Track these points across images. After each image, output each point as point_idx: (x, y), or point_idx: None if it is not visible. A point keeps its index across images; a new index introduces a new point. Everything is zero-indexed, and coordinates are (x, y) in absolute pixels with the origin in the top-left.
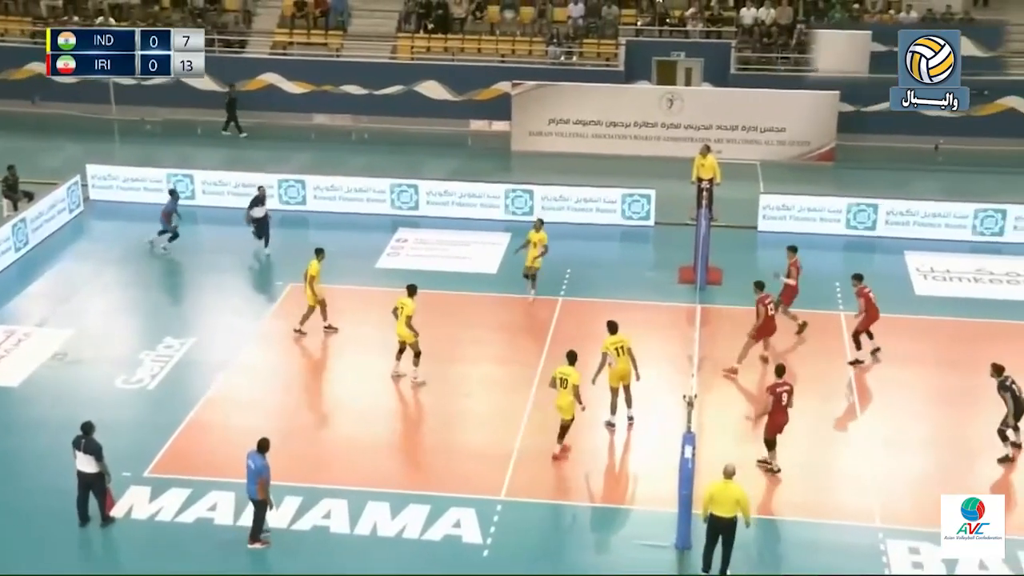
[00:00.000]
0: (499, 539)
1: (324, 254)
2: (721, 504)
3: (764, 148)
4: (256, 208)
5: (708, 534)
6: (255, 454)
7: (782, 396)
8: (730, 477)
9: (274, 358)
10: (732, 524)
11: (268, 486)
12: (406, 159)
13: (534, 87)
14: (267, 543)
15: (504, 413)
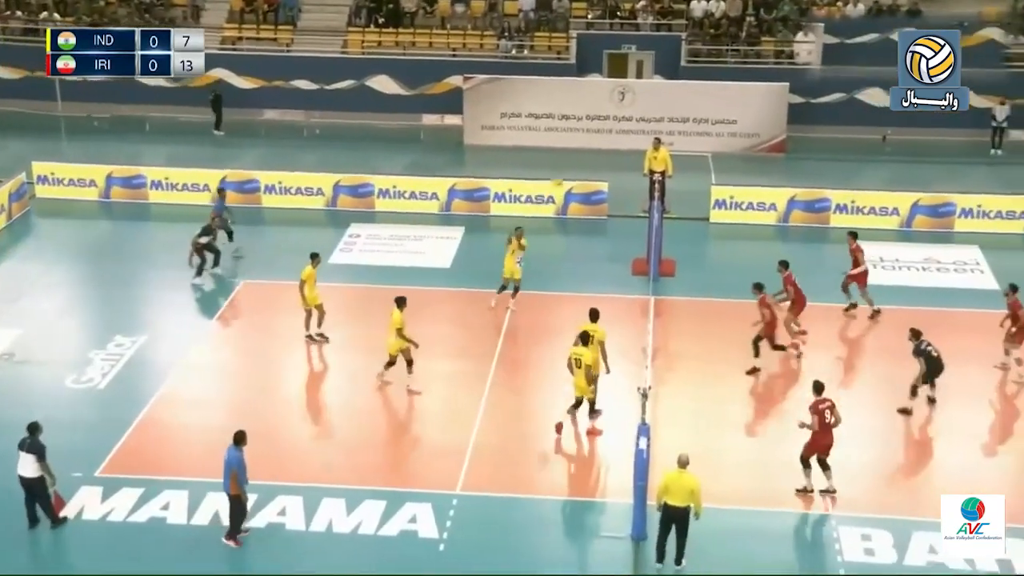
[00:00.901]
0: (455, 533)
1: (319, 259)
2: (675, 494)
3: (715, 140)
4: (204, 236)
5: (661, 524)
6: (230, 447)
7: (825, 413)
8: (684, 467)
9: (226, 355)
10: (685, 514)
11: (241, 480)
12: (358, 154)
13: (486, 81)
14: (239, 543)
15: (459, 408)
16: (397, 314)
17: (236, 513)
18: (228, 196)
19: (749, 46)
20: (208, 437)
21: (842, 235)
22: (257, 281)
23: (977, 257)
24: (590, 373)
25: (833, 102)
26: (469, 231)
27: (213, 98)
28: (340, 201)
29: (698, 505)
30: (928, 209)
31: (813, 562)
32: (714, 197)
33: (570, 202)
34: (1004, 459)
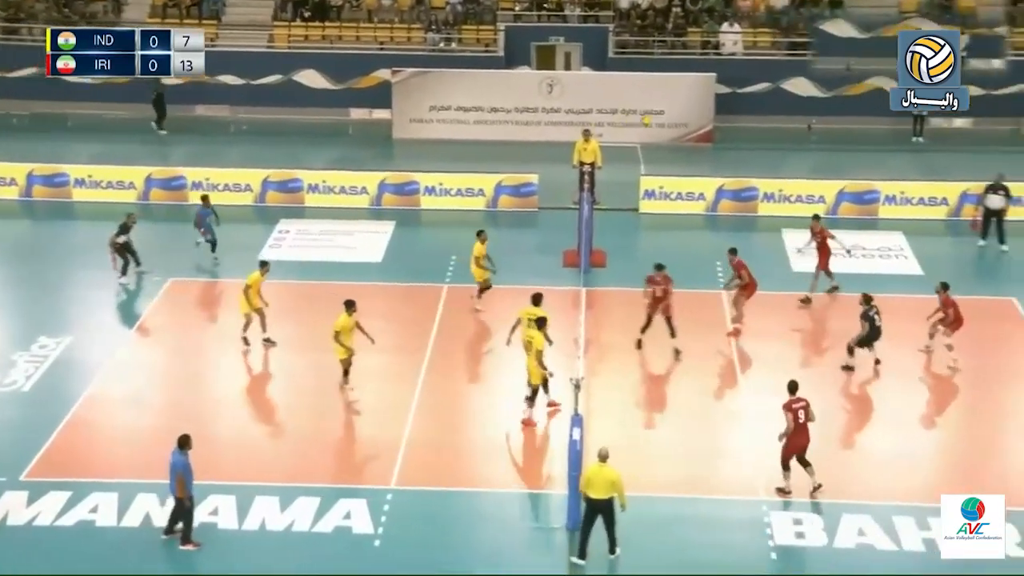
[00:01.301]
0: (390, 529)
1: (268, 267)
2: (596, 487)
3: (644, 131)
4: (121, 235)
5: (585, 517)
6: (175, 451)
7: (799, 413)
8: (604, 460)
9: (155, 355)
10: (609, 505)
11: (186, 483)
12: (287, 149)
13: (414, 74)
14: (198, 545)
15: (392, 403)
16: (341, 318)
17: (185, 517)
18: (154, 193)
19: (676, 37)
20: (137, 438)
21: (770, 223)
22: (185, 279)
23: (901, 243)
24: (541, 357)
25: (759, 92)
26: (400, 225)
27: (155, 96)
28: (269, 197)
29: (622, 496)
30: (853, 196)
31: (745, 547)
32: (643, 188)
33: (500, 194)
34: (931, 441)
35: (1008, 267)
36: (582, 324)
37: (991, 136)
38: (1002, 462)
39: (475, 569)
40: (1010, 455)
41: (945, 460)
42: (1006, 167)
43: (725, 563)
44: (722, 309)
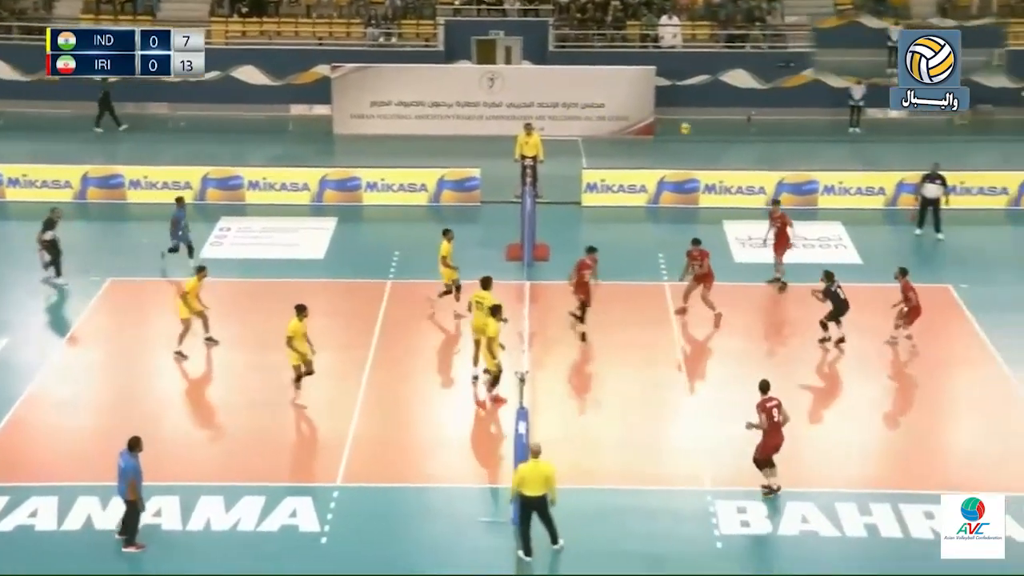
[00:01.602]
0: (337, 526)
1: (206, 272)
2: (532, 484)
3: (585, 124)
4: (47, 231)
5: (522, 515)
6: (125, 453)
7: (773, 412)
8: (537, 456)
9: (95, 356)
10: (543, 501)
11: (139, 486)
12: (226, 147)
13: (354, 69)
14: (142, 546)
15: (337, 399)
16: (292, 323)
17: (133, 519)
18: (91, 192)
19: (615, 30)
20: (77, 440)
21: (711, 215)
22: (124, 279)
23: (840, 232)
24: (494, 345)
25: (698, 84)
26: (342, 221)
27: (102, 95)
28: (209, 195)
29: (553, 491)
30: (792, 187)
31: (691, 536)
32: (585, 181)
33: (442, 189)
34: (871, 428)
35: (944, 255)
36: (526, 318)
37: (926, 126)
38: (939, 449)
39: (423, 565)
40: (946, 441)
41: (884, 448)
42: (941, 157)
43: (671, 553)
44: (666, 301)
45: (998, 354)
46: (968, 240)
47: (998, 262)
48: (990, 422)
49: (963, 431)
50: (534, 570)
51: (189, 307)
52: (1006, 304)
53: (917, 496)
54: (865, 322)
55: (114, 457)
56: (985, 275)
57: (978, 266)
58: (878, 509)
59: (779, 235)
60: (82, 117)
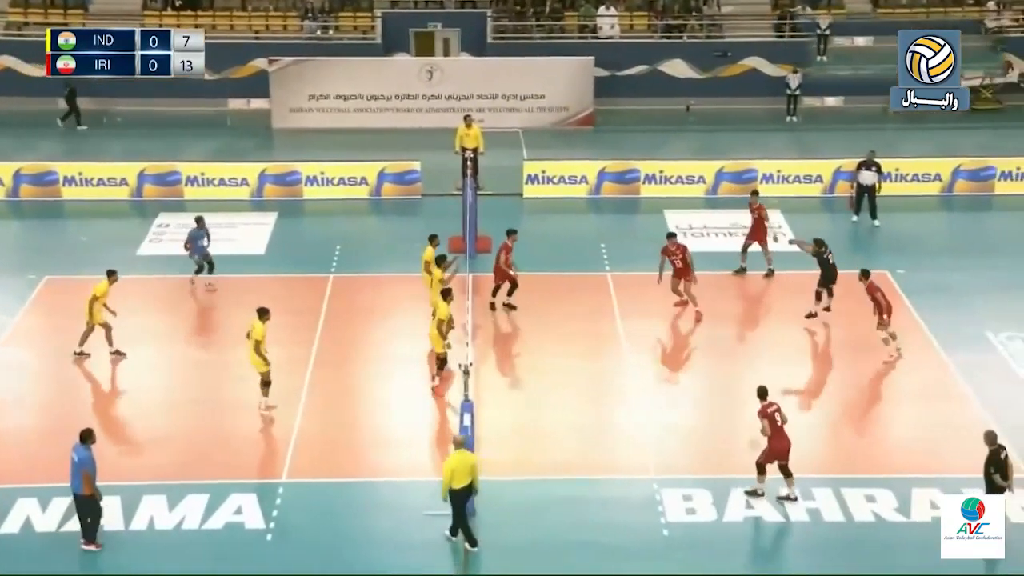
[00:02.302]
0: (282, 522)
1: (116, 276)
2: (462, 475)
3: (525, 115)
4: None
5: (455, 508)
6: (79, 446)
7: (775, 416)
8: (460, 447)
9: (33, 354)
10: (468, 492)
11: (94, 479)
12: (163, 142)
13: (292, 63)
14: (100, 546)
15: (281, 395)
16: (259, 326)
17: (92, 514)
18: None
19: (553, 21)
20: (15, 441)
21: (652, 204)
22: (61, 277)
23: (779, 220)
24: (443, 327)
25: (637, 75)
26: (282, 216)
27: (68, 92)
28: (146, 191)
29: (476, 481)
30: (732, 176)
31: (637, 525)
32: (526, 172)
33: (383, 182)
34: (810, 414)
35: (881, 241)
36: (469, 310)
37: (861, 114)
38: (877, 433)
39: (370, 559)
40: (884, 426)
41: (824, 433)
42: (876, 144)
43: (618, 542)
44: (608, 290)
45: (934, 339)
46: (904, 226)
47: (933, 248)
48: (926, 406)
49: (900, 415)
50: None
51: (93, 316)
52: (942, 289)
53: (858, 480)
54: (795, 307)
55: (54, 458)
56: (921, 261)
57: (914, 252)
58: (820, 494)
59: (756, 226)
60: (12, 112)
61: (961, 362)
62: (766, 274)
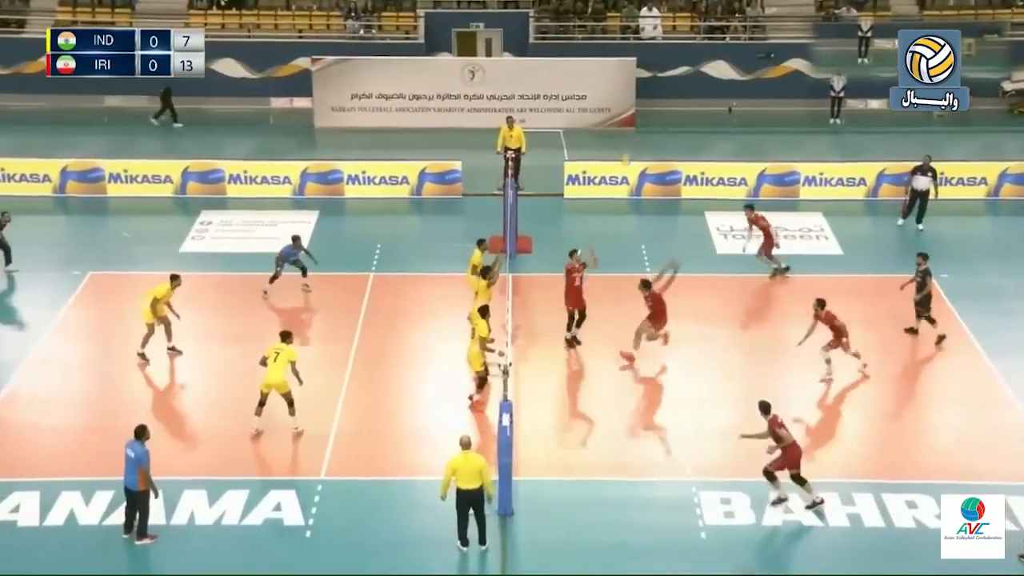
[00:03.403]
0: (321, 519)
1: (179, 282)
2: (465, 476)
3: (566, 116)
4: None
5: (459, 508)
6: (133, 442)
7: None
8: (467, 448)
9: (76, 350)
10: (479, 495)
11: (149, 475)
12: (207, 139)
13: (334, 62)
14: (155, 537)
15: (320, 393)
16: (288, 349)
17: (144, 509)
18: (71, 186)
19: (595, 22)
20: (59, 435)
21: (693, 206)
22: (105, 272)
23: (821, 223)
24: (483, 345)
25: (679, 76)
26: (324, 214)
27: (163, 90)
28: (189, 188)
29: (488, 484)
30: (774, 178)
31: (675, 527)
32: (567, 173)
33: (424, 182)
34: (854, 418)
35: (925, 245)
36: (509, 310)
37: (906, 117)
38: (921, 439)
39: (407, 558)
40: (928, 432)
41: (866, 438)
42: (921, 148)
43: (655, 544)
44: None
45: (978, 343)
46: (949, 230)
47: (978, 252)
48: (969, 411)
49: (945, 421)
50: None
51: (155, 312)
52: (986, 294)
53: (900, 486)
54: (845, 312)
55: (97, 451)
56: (966, 265)
57: (958, 256)
58: (861, 499)
59: (766, 237)
60: (60, 111)
61: (1005, 368)
62: (774, 274)
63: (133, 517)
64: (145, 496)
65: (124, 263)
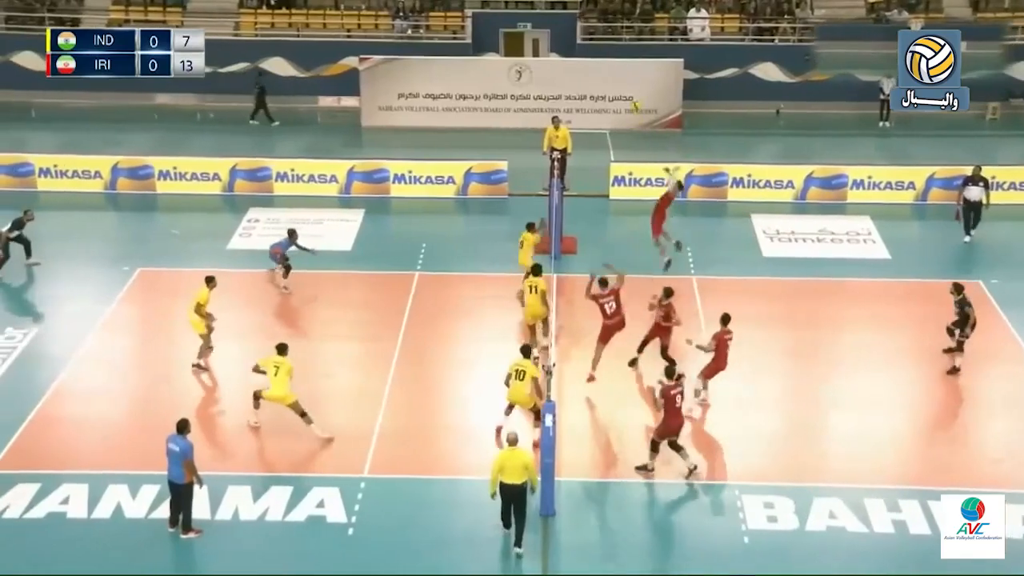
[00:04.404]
0: (363, 517)
1: (214, 283)
2: (511, 472)
3: (613, 117)
4: (14, 230)
5: (503, 502)
6: (177, 437)
7: (675, 398)
8: (514, 444)
9: (124, 345)
10: (523, 490)
11: (195, 466)
12: (254, 138)
13: (382, 61)
14: (200, 531)
15: (364, 391)
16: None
17: (188, 502)
18: (121, 183)
19: (643, 23)
20: (108, 429)
21: (739, 208)
22: (154, 269)
23: (869, 227)
24: (536, 385)
25: (727, 77)
26: (369, 213)
27: (258, 90)
28: (237, 186)
29: (534, 478)
30: (821, 181)
31: (718, 530)
32: (613, 174)
33: (470, 182)
34: (900, 425)
35: (975, 251)
36: (553, 311)
37: (957, 120)
38: (970, 445)
39: (449, 557)
40: (977, 438)
41: (913, 443)
42: (972, 151)
43: (698, 547)
44: (693, 294)
45: None
46: (998, 236)
47: None
48: (1018, 419)
49: (994, 427)
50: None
51: (201, 316)
52: None
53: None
54: (893, 317)
55: (144, 446)
56: (1016, 271)
57: (1009, 262)
58: (907, 506)
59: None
60: (111, 108)
61: None
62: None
63: (178, 511)
64: (190, 489)
65: (172, 259)
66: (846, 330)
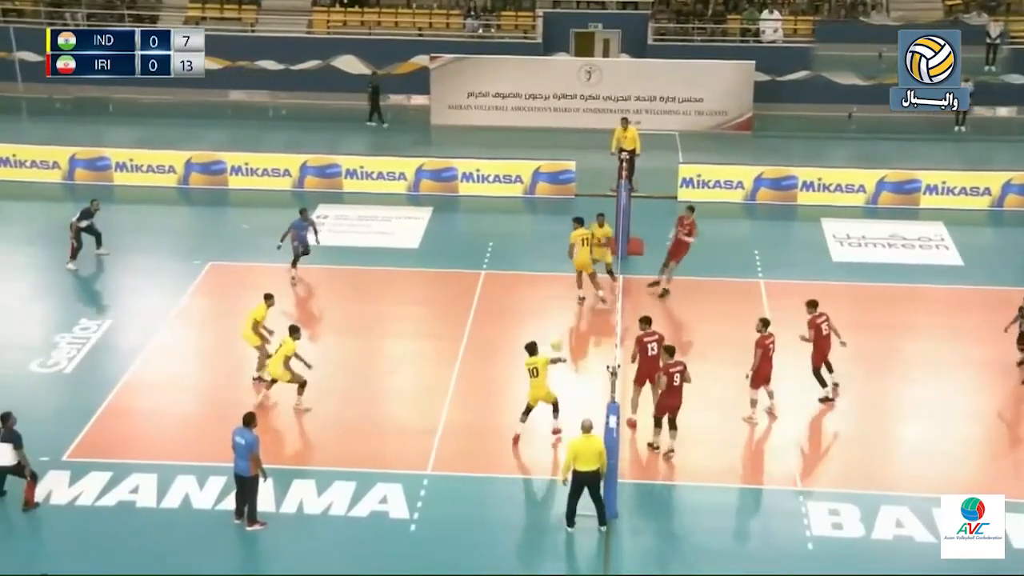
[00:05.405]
0: (426, 513)
1: (273, 300)
2: (585, 459)
3: (682, 118)
4: (83, 220)
5: (573, 489)
6: (243, 430)
7: (675, 376)
8: (588, 431)
9: (194, 338)
10: (596, 477)
11: (260, 460)
12: (325, 135)
13: (452, 60)
14: (265, 524)
15: (429, 388)
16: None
17: (254, 495)
18: (194, 178)
19: (715, 24)
20: (177, 420)
21: (809, 212)
22: (224, 263)
23: (942, 233)
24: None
25: (799, 80)
26: (437, 211)
27: (372, 89)
28: (307, 182)
29: (603, 466)
30: (894, 186)
31: (782, 536)
32: (681, 175)
33: (538, 181)
34: (966, 432)
35: None
36: (619, 312)
37: None
38: None
39: (511, 556)
40: None
41: (986, 452)
42: None
43: (762, 553)
44: (760, 298)
45: None
46: None
47: None
48: None
49: None
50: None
51: (260, 336)
52: None
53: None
54: (964, 324)
55: (212, 438)
56: None
57: None
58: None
59: (677, 240)
60: (185, 104)
61: None
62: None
63: (243, 503)
64: (255, 482)
65: (242, 254)
66: (916, 337)
